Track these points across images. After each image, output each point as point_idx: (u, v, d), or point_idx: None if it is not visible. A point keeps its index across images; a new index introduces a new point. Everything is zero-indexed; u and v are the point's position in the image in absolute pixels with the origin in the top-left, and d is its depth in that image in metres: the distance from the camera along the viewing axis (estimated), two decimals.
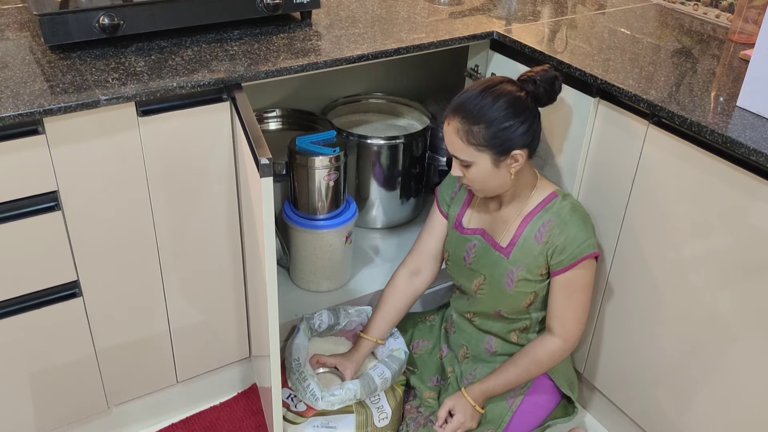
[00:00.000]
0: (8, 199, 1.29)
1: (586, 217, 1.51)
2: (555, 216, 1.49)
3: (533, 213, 1.51)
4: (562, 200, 1.51)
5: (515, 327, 1.62)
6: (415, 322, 1.85)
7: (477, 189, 1.49)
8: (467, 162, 1.43)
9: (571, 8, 1.92)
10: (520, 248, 1.52)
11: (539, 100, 1.44)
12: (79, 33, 1.42)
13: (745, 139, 1.24)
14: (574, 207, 1.50)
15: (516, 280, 1.53)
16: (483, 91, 1.40)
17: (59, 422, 1.57)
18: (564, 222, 1.48)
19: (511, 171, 1.44)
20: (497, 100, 1.39)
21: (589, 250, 1.48)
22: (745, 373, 1.37)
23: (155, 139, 1.38)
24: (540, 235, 1.50)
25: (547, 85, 1.43)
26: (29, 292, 1.39)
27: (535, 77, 1.43)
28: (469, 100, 1.41)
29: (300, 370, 1.62)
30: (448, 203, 1.67)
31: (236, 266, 1.61)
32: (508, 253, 1.53)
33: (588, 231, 1.49)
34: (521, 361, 1.56)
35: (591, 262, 1.50)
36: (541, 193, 1.53)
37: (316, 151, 1.77)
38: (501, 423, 1.58)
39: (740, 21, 1.70)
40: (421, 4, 1.87)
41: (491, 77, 1.47)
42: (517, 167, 1.44)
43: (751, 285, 1.31)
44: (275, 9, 1.59)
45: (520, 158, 1.43)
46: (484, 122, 1.39)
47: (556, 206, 1.50)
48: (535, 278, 1.53)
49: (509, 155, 1.41)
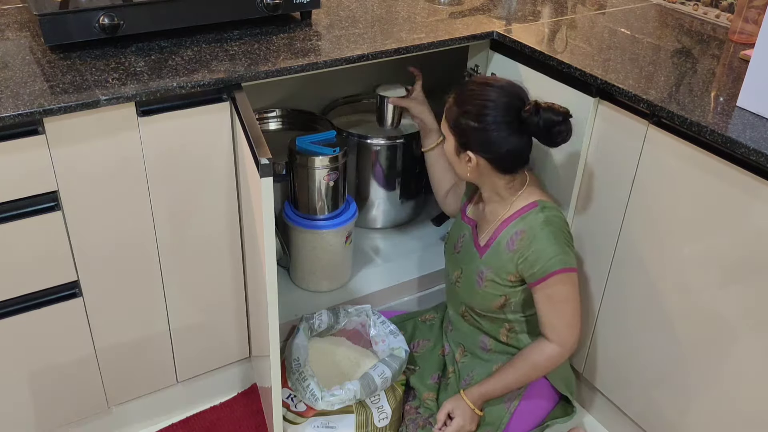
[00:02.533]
0: (8, 199, 1.29)
1: (559, 232, 1.47)
2: (527, 227, 1.48)
3: (510, 219, 1.51)
4: (538, 212, 1.48)
5: (499, 326, 1.62)
6: (415, 322, 1.85)
7: (451, 167, 1.56)
8: (443, 134, 1.51)
9: (571, 8, 1.92)
10: (492, 251, 1.53)
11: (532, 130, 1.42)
12: (79, 33, 1.42)
13: (745, 139, 1.24)
14: (548, 220, 1.47)
15: (485, 280, 1.54)
16: (486, 85, 1.44)
17: (59, 422, 1.57)
18: (533, 235, 1.46)
19: (467, 167, 1.48)
20: (486, 98, 1.42)
21: (559, 266, 1.44)
22: (745, 373, 1.37)
23: (155, 139, 1.38)
24: (511, 243, 1.49)
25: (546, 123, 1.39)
26: (29, 292, 1.39)
27: (541, 107, 1.40)
28: (472, 83, 1.48)
29: (300, 370, 1.62)
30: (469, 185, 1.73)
31: (236, 266, 1.61)
32: (483, 252, 1.55)
33: (559, 246, 1.45)
34: (520, 364, 1.56)
35: (566, 276, 1.46)
36: (524, 200, 1.51)
37: (316, 151, 1.77)
38: (500, 425, 1.58)
39: (740, 21, 1.70)
40: (421, 4, 1.87)
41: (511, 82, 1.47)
42: (471, 167, 1.47)
43: (751, 285, 1.31)
44: (275, 9, 1.59)
45: (473, 160, 1.45)
46: (461, 107, 1.44)
47: (530, 217, 1.48)
48: (503, 282, 1.52)
49: (465, 151, 1.45)
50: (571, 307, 1.50)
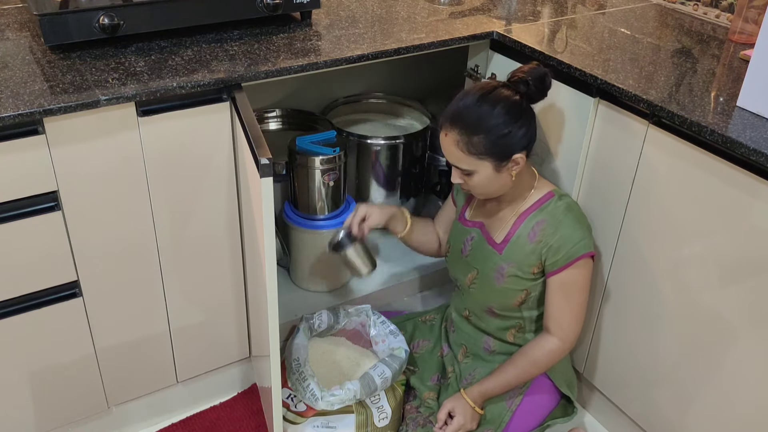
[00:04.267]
0: (8, 199, 1.29)
1: (582, 217, 1.52)
2: (549, 216, 1.50)
3: (528, 211, 1.52)
4: (557, 200, 1.51)
5: (509, 326, 1.62)
6: (415, 322, 1.85)
7: (478, 194, 1.51)
8: (468, 171, 1.44)
9: (571, 8, 1.92)
10: (513, 245, 1.53)
11: (532, 99, 1.45)
12: (79, 33, 1.42)
13: (745, 139, 1.24)
14: (569, 207, 1.51)
15: (506, 276, 1.54)
16: (479, 100, 1.40)
17: (59, 422, 1.57)
18: (558, 222, 1.48)
19: (512, 174, 1.45)
20: (494, 107, 1.39)
21: (584, 250, 1.48)
22: (745, 373, 1.37)
23: (155, 139, 1.38)
24: (533, 234, 1.50)
25: (538, 83, 1.43)
26: (29, 292, 1.39)
27: (526, 78, 1.43)
28: (467, 109, 1.40)
29: (300, 370, 1.62)
30: (458, 192, 1.71)
31: (236, 266, 1.61)
32: (501, 249, 1.54)
33: (583, 230, 1.49)
34: (519, 361, 1.56)
35: (587, 262, 1.50)
36: (538, 192, 1.53)
37: (316, 151, 1.77)
38: (500, 423, 1.58)
39: (740, 21, 1.70)
40: (421, 4, 1.87)
41: (483, 83, 1.47)
42: (517, 169, 1.45)
43: (751, 285, 1.31)
44: (275, 9, 1.59)
45: (521, 161, 1.44)
46: (484, 131, 1.39)
47: (550, 206, 1.51)
48: (526, 276, 1.53)
49: (510, 159, 1.42)
50: (582, 298, 1.52)
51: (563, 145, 1.62)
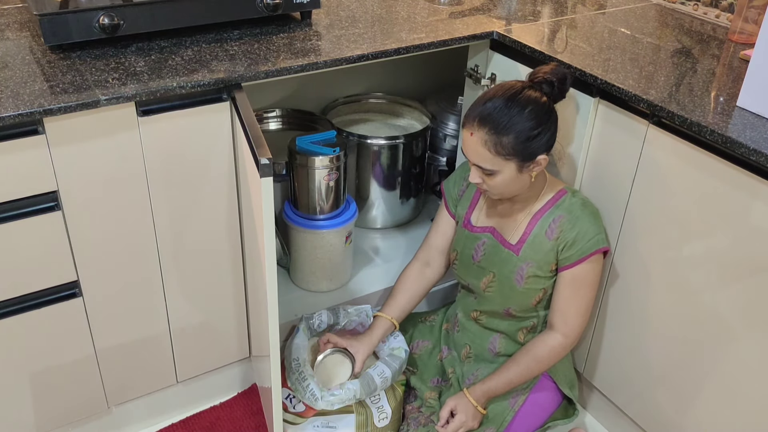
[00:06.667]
0: (8, 199, 1.29)
1: (596, 212, 1.53)
2: (566, 212, 1.50)
3: (543, 210, 1.53)
4: (572, 197, 1.52)
5: (523, 326, 1.62)
6: (415, 323, 1.85)
7: (495, 194, 1.49)
8: (491, 171, 1.43)
9: (571, 8, 1.92)
10: (530, 245, 1.53)
11: (555, 100, 1.46)
12: (79, 33, 1.42)
13: (745, 139, 1.24)
14: (585, 203, 1.52)
15: (526, 277, 1.54)
16: (509, 101, 1.39)
17: (59, 422, 1.57)
18: (576, 217, 1.49)
19: (532, 174, 1.46)
20: (524, 110, 1.39)
21: (599, 245, 1.49)
22: (745, 373, 1.37)
23: (155, 139, 1.38)
24: (551, 231, 1.50)
25: (562, 84, 1.45)
26: (29, 292, 1.39)
27: (551, 79, 1.43)
28: (496, 110, 1.39)
29: (300, 370, 1.62)
30: (456, 202, 1.68)
31: (236, 266, 1.61)
32: (518, 249, 1.54)
33: (598, 226, 1.50)
34: (522, 358, 1.56)
35: (599, 258, 1.51)
36: (551, 190, 1.54)
37: (316, 151, 1.77)
38: (502, 422, 1.58)
39: (740, 21, 1.70)
40: (421, 4, 1.87)
41: (508, 83, 1.45)
42: (538, 170, 1.46)
43: (751, 285, 1.31)
44: (275, 9, 1.59)
45: (543, 162, 1.44)
46: (514, 133, 1.39)
47: (566, 202, 1.52)
48: (545, 274, 1.53)
49: (534, 161, 1.43)
50: (590, 294, 1.53)
51: (564, 144, 1.62)
